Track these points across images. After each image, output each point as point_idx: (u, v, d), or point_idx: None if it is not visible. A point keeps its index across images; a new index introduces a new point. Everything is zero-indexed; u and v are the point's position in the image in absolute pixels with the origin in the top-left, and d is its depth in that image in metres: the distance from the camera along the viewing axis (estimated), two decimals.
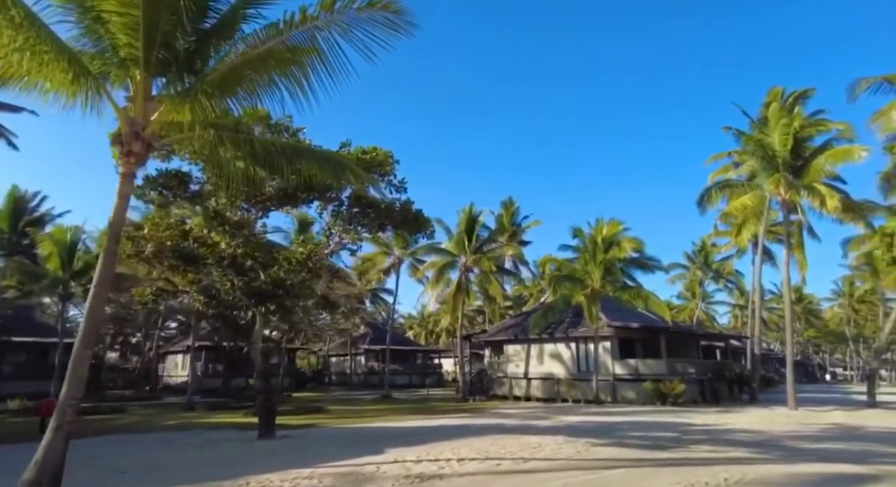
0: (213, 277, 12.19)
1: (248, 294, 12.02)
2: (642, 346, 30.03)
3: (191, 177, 10.31)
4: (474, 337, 37.29)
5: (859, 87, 16.20)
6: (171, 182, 9.99)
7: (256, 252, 12.19)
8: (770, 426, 16.04)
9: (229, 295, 12.10)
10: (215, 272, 12.01)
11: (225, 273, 11.94)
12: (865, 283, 57.21)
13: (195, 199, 10.90)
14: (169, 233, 10.80)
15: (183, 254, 11.23)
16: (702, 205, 24.49)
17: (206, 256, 11.43)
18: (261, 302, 12.07)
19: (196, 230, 11.50)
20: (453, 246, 31.74)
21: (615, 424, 16.47)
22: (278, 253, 12.15)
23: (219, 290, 12.42)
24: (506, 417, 19.33)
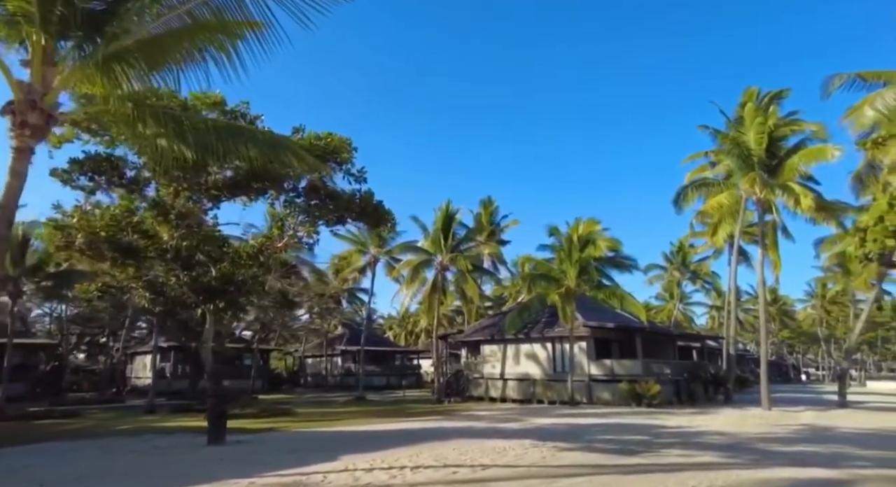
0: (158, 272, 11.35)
1: (195, 290, 11.22)
2: (618, 347, 29.76)
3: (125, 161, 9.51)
4: (451, 337, 36.71)
5: (832, 84, 16.07)
6: (102, 166, 9.16)
7: (207, 245, 11.38)
8: (743, 428, 15.74)
9: (174, 291, 11.28)
10: (159, 266, 11.18)
11: (170, 267, 11.12)
12: (837, 285, 58.25)
13: (132, 186, 10.08)
14: (103, 222, 9.96)
15: (120, 246, 10.37)
16: (678, 204, 24.30)
17: (148, 248, 10.61)
18: (209, 298, 11.27)
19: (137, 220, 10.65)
20: (429, 244, 31.11)
21: (587, 427, 16.01)
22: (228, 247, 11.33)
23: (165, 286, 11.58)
24: (477, 419, 18.75)
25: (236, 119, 11.46)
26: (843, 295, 62.96)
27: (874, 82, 15.63)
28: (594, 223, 25.85)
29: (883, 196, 8.54)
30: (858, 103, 15.53)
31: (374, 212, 11.32)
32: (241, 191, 11.47)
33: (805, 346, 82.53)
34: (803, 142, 21.73)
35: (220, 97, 11.79)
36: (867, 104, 15.03)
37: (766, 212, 23.34)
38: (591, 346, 28.01)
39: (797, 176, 21.03)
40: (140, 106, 6.40)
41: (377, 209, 11.34)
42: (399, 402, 31.63)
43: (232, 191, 11.44)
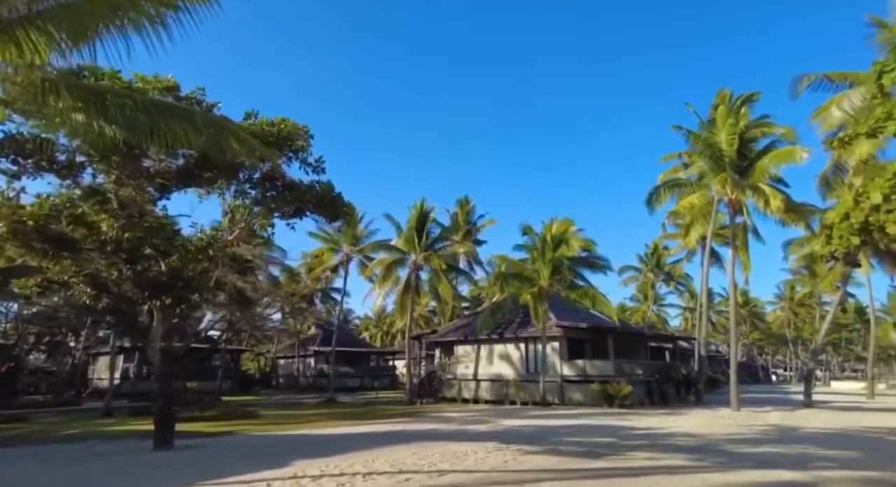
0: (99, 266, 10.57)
1: (140, 285, 10.48)
2: (591, 347, 29.66)
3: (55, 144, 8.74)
4: (424, 337, 36.19)
5: (801, 84, 16.16)
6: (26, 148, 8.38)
7: (154, 237, 10.64)
8: (711, 429, 15.62)
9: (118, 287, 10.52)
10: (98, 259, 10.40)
11: (111, 260, 10.36)
12: (804, 287, 59.64)
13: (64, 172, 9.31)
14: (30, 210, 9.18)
15: (51, 237, 9.59)
16: (651, 204, 24.27)
17: (85, 240, 9.85)
18: (155, 294, 10.55)
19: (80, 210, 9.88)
20: (403, 243, 30.55)
21: (555, 428, 15.69)
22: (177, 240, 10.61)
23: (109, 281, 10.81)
24: (445, 421, 18.28)
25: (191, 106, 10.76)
26: (810, 298, 64.52)
27: (841, 83, 15.77)
28: (568, 223, 25.69)
29: (849, 192, 8.37)
30: (826, 104, 15.65)
31: (331, 204, 10.70)
32: (192, 181, 10.78)
33: (774, 347, 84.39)
34: (773, 145, 21.95)
35: (172, 81, 11.08)
36: (834, 105, 15.12)
37: (737, 214, 23.49)
38: (563, 346, 27.83)
39: (767, 177, 21.21)
40: (49, 75, 5.76)
41: (335, 201, 10.72)
42: (370, 404, 30.97)
43: (183, 181, 10.74)
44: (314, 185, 10.71)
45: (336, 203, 10.76)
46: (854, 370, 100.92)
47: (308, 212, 10.99)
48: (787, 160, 20.53)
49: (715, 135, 22.56)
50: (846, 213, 8.51)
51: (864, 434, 14.70)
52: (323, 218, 11.15)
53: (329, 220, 11.20)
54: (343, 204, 10.88)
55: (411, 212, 30.44)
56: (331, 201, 10.68)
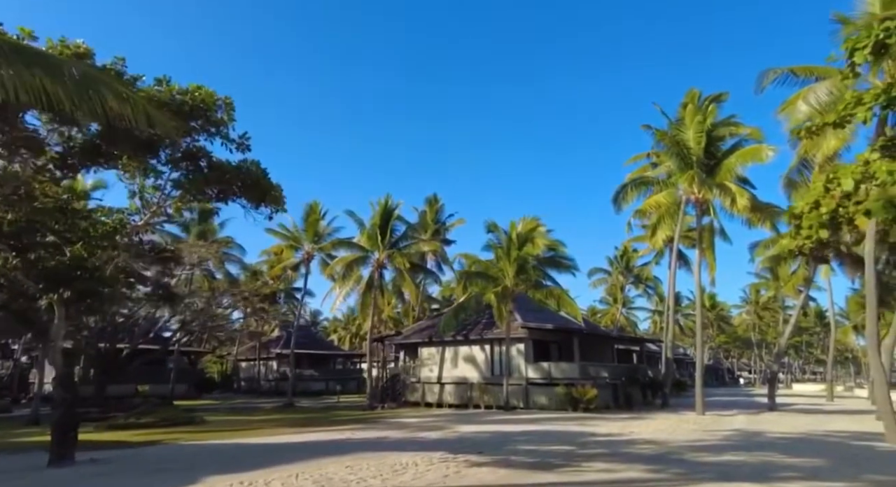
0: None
1: (33, 276, 9.11)
2: (558, 349, 28.98)
3: None
4: (388, 339, 34.99)
5: (766, 78, 15.77)
6: None
7: (52, 221, 9.27)
8: (675, 434, 14.95)
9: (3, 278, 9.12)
10: None
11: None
12: (769, 291, 60.64)
13: None
14: None
15: None
16: (617, 202, 23.74)
17: None
18: (53, 287, 9.19)
19: None
20: (366, 240, 29.32)
21: (512, 435, 14.76)
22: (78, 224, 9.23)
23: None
24: (398, 428, 17.17)
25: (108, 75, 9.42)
26: (774, 301, 65.76)
27: (807, 78, 15.44)
28: (534, 221, 24.93)
29: (819, 179, 7.71)
30: (792, 98, 15.30)
31: (257, 185, 9.48)
32: (100, 158, 9.46)
33: (740, 351, 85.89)
34: (740, 144, 21.68)
35: (84, 47, 9.75)
36: (800, 99, 14.78)
37: (704, 214, 23.15)
38: (529, 348, 27.04)
39: (734, 176, 20.91)
40: None
41: (260, 182, 9.50)
42: (329, 409, 29.61)
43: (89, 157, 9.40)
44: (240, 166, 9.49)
45: (261, 185, 9.56)
46: (814, 372, 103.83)
47: (233, 196, 9.78)
48: (753, 158, 20.25)
49: (683, 132, 22.17)
50: (816, 202, 7.80)
51: (827, 439, 14.22)
52: (248, 201, 9.94)
53: (256, 203, 9.98)
54: (270, 186, 9.65)
55: (375, 209, 29.26)
56: (256, 182, 9.48)
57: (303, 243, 33.67)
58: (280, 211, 9.95)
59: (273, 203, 9.77)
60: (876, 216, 6.95)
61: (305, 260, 34.08)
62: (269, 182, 9.58)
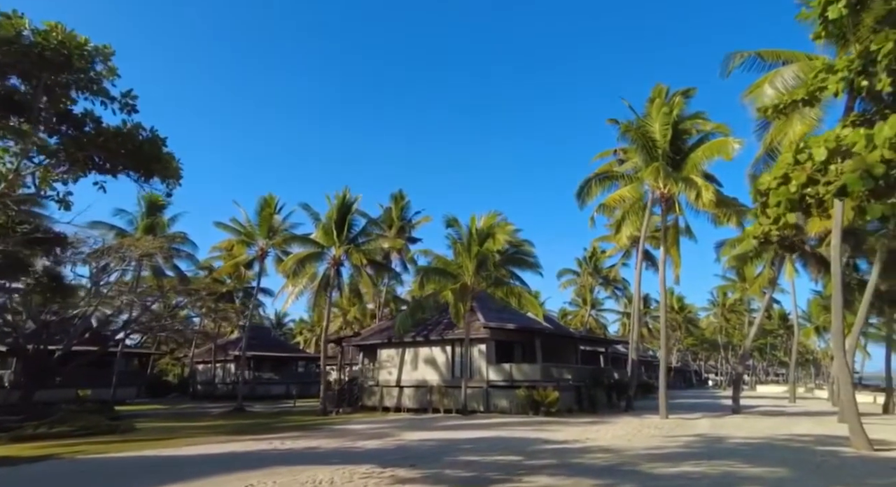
0: None
1: None
2: (522, 350, 27.92)
3: None
4: (346, 340, 33.40)
5: (733, 62, 15.04)
6: None
7: None
8: (634, 441, 13.92)
9: None
10: None
11: None
12: (735, 293, 61.22)
13: None
14: None
15: None
16: (581, 197, 22.85)
17: None
18: None
19: None
20: (321, 236, 27.72)
21: (459, 443, 13.50)
22: None
23: None
24: (339, 436, 15.71)
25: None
26: (741, 304, 66.52)
27: (773, 62, 14.77)
28: (496, 215, 23.84)
29: (788, 151, 6.74)
30: (758, 81, 14.63)
31: (140, 152, 7.91)
32: None
33: (707, 353, 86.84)
34: (706, 138, 21.05)
35: None
36: (767, 82, 14.10)
37: (670, 210, 22.44)
38: (491, 349, 25.88)
39: (700, 171, 20.25)
40: None
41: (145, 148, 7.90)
42: (280, 414, 27.88)
43: None
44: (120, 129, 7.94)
45: (146, 152, 7.97)
46: (777, 374, 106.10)
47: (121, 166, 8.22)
48: (720, 151, 19.60)
49: (649, 125, 21.43)
50: (785, 176, 6.77)
51: (790, 444, 13.40)
52: (136, 173, 8.39)
53: (145, 176, 8.45)
54: (160, 153, 8.07)
55: (332, 203, 27.67)
56: (138, 149, 7.89)
57: (256, 238, 31.81)
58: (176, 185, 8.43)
59: (166, 175, 8.26)
60: (853, 189, 5.94)
61: (259, 256, 32.21)
62: (159, 151, 8.00)
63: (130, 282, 34.27)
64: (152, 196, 38.25)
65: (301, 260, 26.52)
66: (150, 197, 37.28)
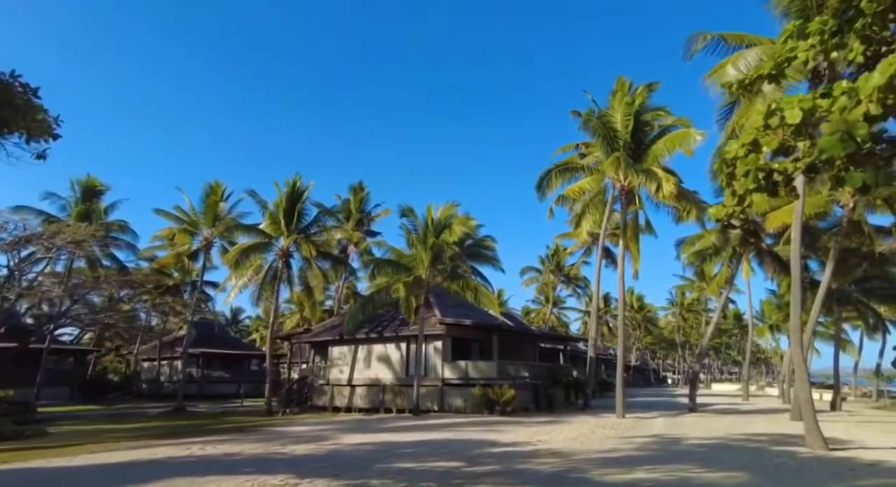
0: None
1: None
2: (479, 347, 26.99)
3: None
4: (295, 337, 31.77)
5: (696, 44, 14.47)
6: None
7: None
8: (587, 443, 13.10)
9: None
10: None
11: None
12: (693, 293, 62.34)
13: None
14: None
15: None
16: (541, 189, 22.06)
17: None
18: None
19: None
20: (269, 225, 26.02)
21: (399, 447, 12.35)
22: None
23: None
24: (271, 440, 14.30)
25: None
26: (698, 304, 67.88)
27: (737, 45, 14.30)
28: (453, 206, 22.75)
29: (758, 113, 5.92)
30: (722, 62, 14.12)
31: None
32: None
33: (665, 352, 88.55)
34: (668, 130, 20.59)
35: None
36: (730, 63, 13.61)
37: (630, 203, 21.90)
38: (447, 346, 24.84)
39: (661, 163, 19.75)
40: None
41: None
42: (222, 415, 26.09)
43: None
44: None
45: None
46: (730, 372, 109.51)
47: None
48: (681, 143, 19.14)
49: (611, 116, 20.82)
50: (754, 142, 5.89)
51: (747, 444, 12.86)
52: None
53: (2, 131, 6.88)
54: (11, 99, 6.49)
55: (281, 190, 25.99)
56: None
57: (201, 227, 29.77)
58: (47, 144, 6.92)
59: (30, 129, 6.73)
60: (831, 153, 5.09)
61: (204, 246, 30.19)
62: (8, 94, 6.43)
63: (63, 273, 31.66)
64: (89, 180, 35.50)
65: (245, 250, 24.77)
66: (86, 181, 34.59)
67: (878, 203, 16.74)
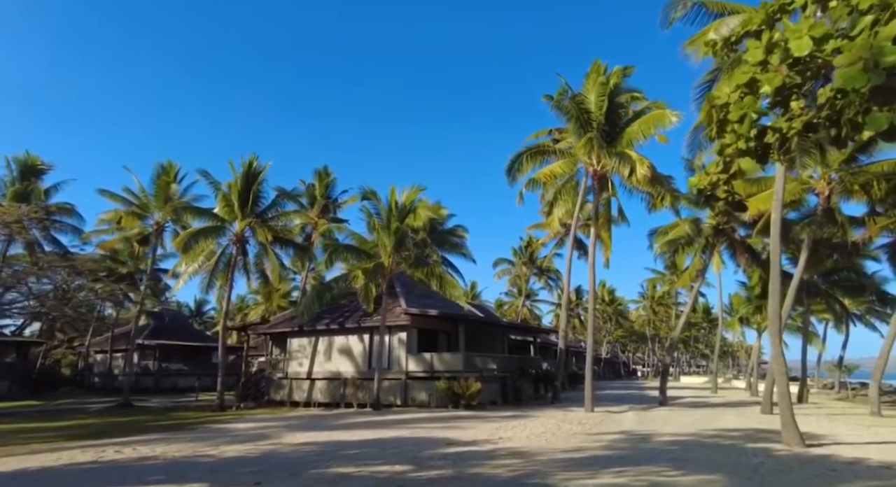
0: None
1: None
2: (447, 339, 25.89)
3: None
4: (252, 328, 30.14)
5: (675, 11, 13.54)
6: None
7: None
8: (552, 440, 12.12)
9: None
10: None
11: None
12: (664, 286, 62.67)
13: None
14: None
15: None
16: (511, 173, 20.98)
17: None
18: None
19: None
20: (222, 208, 24.29)
21: (346, 447, 11.13)
22: None
23: None
24: (206, 440, 12.88)
25: None
26: (669, 297, 68.37)
27: (719, 12, 13.44)
28: (419, 190, 21.44)
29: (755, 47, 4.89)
30: (703, 29, 13.24)
31: None
32: None
33: (636, 345, 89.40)
34: (643, 112, 19.70)
35: None
36: (712, 30, 12.78)
37: (603, 190, 21.00)
38: (412, 338, 23.66)
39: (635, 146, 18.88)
40: None
41: None
42: (171, 410, 24.36)
43: None
44: None
45: None
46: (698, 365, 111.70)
47: None
48: (656, 124, 18.30)
49: (585, 96, 19.83)
50: (751, 82, 4.83)
51: (720, 441, 12.09)
52: None
53: None
54: None
55: (237, 172, 24.23)
56: None
57: (151, 210, 27.75)
58: None
59: None
60: (851, 84, 4.05)
61: (155, 231, 28.18)
62: None
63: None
64: (28, 158, 32.87)
65: (195, 234, 23.01)
66: (25, 159, 32.01)
67: (856, 189, 16.22)
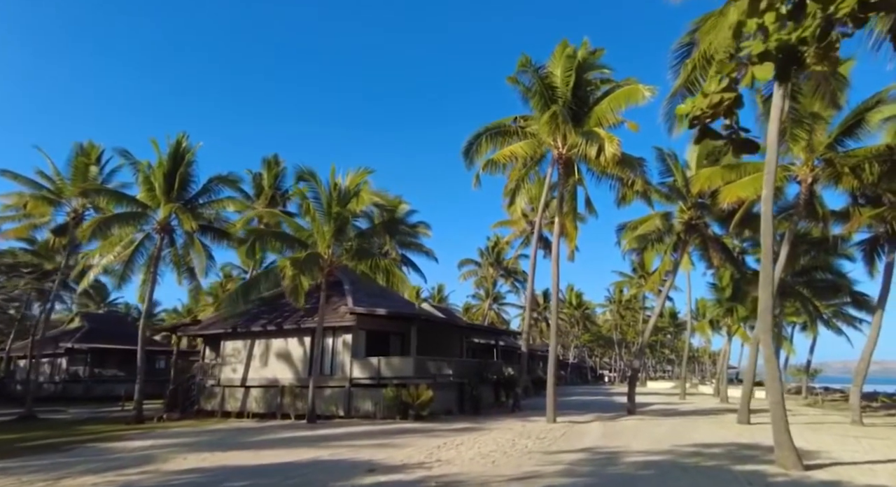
0: None
1: None
2: (400, 342, 23.54)
3: None
4: (181, 329, 27.11)
5: None
6: None
7: None
8: (500, 463, 9.94)
9: None
10: None
11: None
12: (631, 289, 61.78)
13: None
14: None
15: None
16: (469, 155, 18.89)
17: None
18: None
19: None
20: (145, 193, 21.37)
21: (236, 475, 8.66)
22: None
23: None
24: (74, 465, 10.17)
25: None
26: (636, 301, 67.64)
27: None
28: (365, 172, 19.02)
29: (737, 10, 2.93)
30: None
31: None
32: None
33: (602, 349, 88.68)
34: (613, 90, 17.92)
35: None
36: None
37: (569, 175, 19.10)
38: (359, 340, 21.19)
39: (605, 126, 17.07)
40: None
41: None
42: (79, 423, 21.18)
43: None
44: None
45: None
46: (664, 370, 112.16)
47: None
48: (628, 99, 16.55)
49: (550, 71, 17.94)
50: None
51: (702, 462, 10.14)
52: None
53: None
54: None
55: (162, 153, 21.31)
56: None
57: (67, 196, 24.48)
58: None
59: None
60: None
61: (73, 219, 24.89)
62: None
63: None
64: None
65: (107, 220, 20.03)
66: None
67: (846, 171, 14.77)
